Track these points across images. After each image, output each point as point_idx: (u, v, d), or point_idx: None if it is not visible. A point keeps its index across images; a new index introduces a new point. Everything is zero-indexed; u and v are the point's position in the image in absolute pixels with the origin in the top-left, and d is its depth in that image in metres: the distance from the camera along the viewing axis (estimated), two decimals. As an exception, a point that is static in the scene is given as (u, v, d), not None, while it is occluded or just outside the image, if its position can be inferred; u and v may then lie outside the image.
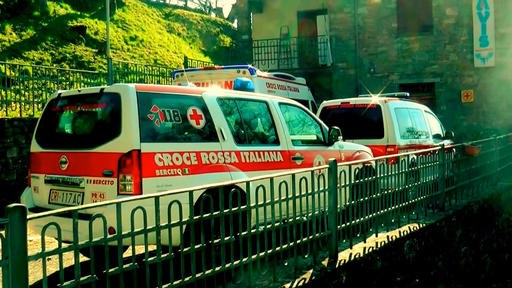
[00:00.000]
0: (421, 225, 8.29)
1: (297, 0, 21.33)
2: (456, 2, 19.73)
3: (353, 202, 6.65)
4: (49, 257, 3.49)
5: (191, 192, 4.41)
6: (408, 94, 13.27)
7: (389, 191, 7.60)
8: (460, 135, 16.41)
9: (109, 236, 3.85)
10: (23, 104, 13.31)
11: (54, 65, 17.96)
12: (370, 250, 6.75)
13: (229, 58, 25.72)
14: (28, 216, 3.22)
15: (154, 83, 18.00)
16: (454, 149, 11.03)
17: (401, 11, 20.34)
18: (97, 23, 23.46)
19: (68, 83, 15.26)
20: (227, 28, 34.73)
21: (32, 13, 21.20)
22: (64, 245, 3.59)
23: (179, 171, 5.82)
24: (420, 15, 20.29)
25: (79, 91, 6.64)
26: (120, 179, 5.49)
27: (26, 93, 13.88)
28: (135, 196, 4.49)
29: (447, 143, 12.55)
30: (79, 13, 23.84)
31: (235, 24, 32.68)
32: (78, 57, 19.92)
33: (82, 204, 5.70)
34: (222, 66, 13.64)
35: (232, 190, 4.81)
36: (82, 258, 6.43)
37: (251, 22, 22.59)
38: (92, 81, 16.32)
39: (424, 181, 8.90)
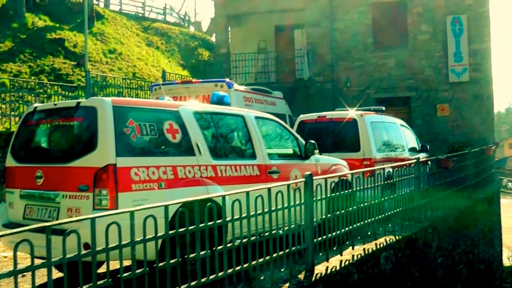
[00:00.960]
0: (397, 237, 8.35)
1: (274, 15, 21.46)
2: (430, 18, 20.08)
3: (329, 215, 6.69)
4: (24, 273, 3.46)
5: (166, 207, 4.42)
6: (384, 108, 13.43)
7: (366, 203, 7.66)
8: (435, 149, 16.58)
9: (83, 251, 3.84)
10: (0, 117, 13.20)
11: (32, 77, 17.87)
12: (347, 263, 6.78)
13: (207, 71, 25.79)
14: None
15: (133, 97, 17.97)
16: (429, 162, 11.15)
17: (376, 26, 20.61)
18: (76, 35, 23.40)
19: (46, 96, 15.17)
20: (205, 41, 34.82)
21: (10, 24, 21.10)
22: (38, 261, 3.57)
23: (155, 185, 5.82)
24: (396, 30, 20.58)
25: (55, 104, 6.61)
26: (96, 194, 5.48)
27: (3, 106, 13.78)
28: (109, 211, 4.47)
29: (422, 156, 12.68)
30: (58, 25, 23.77)
31: (213, 38, 32.77)
32: (56, 69, 19.84)
33: (57, 219, 5.67)
34: (200, 80, 13.68)
35: (208, 204, 4.82)
36: (58, 274, 6.37)
37: (229, 36, 22.69)
38: (70, 94, 16.25)
39: (400, 193, 8.98)
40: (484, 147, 15.91)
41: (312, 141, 8.41)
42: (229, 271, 5.02)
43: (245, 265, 5.21)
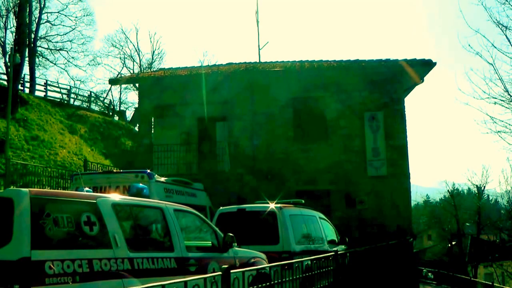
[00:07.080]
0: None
1: (197, 107, 21.73)
2: (349, 115, 20.84)
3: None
4: None
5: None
6: (303, 201, 13.66)
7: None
8: (354, 241, 16.90)
9: None
10: None
11: None
12: None
13: (129, 161, 25.64)
14: None
15: (53, 185, 17.66)
16: (348, 254, 11.37)
17: (297, 121, 21.22)
18: (-1, 121, 23.03)
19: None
20: (129, 131, 34.88)
21: None
22: None
23: (69, 279, 5.73)
24: (316, 125, 21.15)
25: (-31, 195, 6.48)
26: (8, 289, 5.33)
27: None
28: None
29: (341, 248, 12.92)
30: (-20, 110, 23.36)
31: (137, 128, 32.93)
32: (-26, 156, 19.32)
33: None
34: (121, 170, 13.67)
35: (123, 298, 4.80)
36: None
37: (153, 126, 22.80)
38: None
39: (319, 286, 9.10)
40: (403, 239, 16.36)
41: (231, 234, 8.52)
42: None
43: None
